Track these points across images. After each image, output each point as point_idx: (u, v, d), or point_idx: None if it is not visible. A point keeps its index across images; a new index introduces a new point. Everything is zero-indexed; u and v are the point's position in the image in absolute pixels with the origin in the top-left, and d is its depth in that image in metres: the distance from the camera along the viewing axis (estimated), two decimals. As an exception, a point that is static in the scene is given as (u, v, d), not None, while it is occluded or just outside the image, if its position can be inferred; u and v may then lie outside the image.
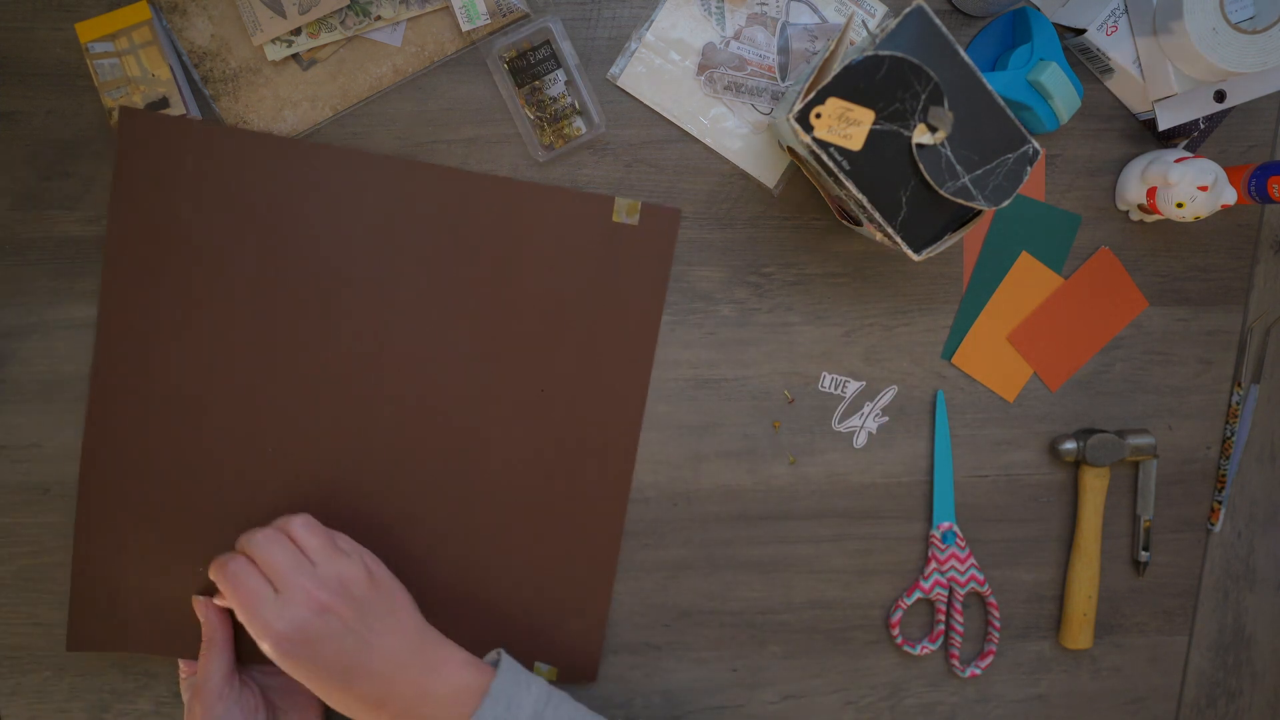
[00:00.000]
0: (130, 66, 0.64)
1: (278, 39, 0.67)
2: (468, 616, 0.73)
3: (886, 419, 0.77)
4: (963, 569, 0.78)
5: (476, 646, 0.73)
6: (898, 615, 0.78)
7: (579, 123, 0.70)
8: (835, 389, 0.76)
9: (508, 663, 0.61)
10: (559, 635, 0.75)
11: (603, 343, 0.72)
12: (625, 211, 0.69)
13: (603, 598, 0.75)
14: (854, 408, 0.77)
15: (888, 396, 0.77)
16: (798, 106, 0.60)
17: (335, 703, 0.57)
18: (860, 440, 0.77)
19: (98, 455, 0.68)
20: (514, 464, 0.72)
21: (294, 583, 0.56)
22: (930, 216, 0.63)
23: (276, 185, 0.68)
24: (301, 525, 0.59)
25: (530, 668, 0.74)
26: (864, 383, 0.76)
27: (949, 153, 0.61)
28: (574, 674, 0.75)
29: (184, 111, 0.65)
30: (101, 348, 0.68)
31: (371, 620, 0.57)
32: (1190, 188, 0.69)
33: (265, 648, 0.55)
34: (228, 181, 0.67)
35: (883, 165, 0.61)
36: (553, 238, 0.70)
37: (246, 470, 0.69)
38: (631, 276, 0.72)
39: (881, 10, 0.72)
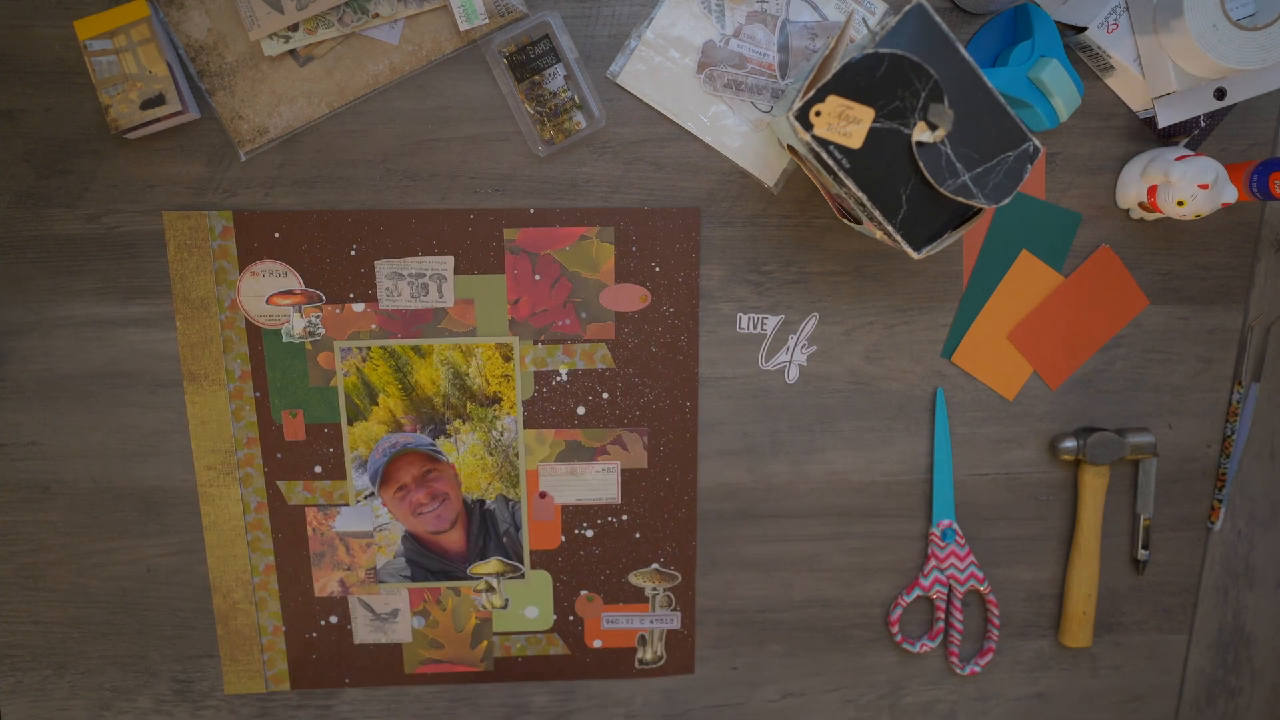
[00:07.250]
0: (128, 64, 0.64)
1: (275, 34, 0.67)
2: None
3: (815, 348, 0.76)
4: (962, 567, 0.78)
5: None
6: (897, 613, 0.78)
7: (579, 117, 0.70)
8: (754, 328, 0.75)
9: None
10: None
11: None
12: None
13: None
14: (779, 343, 0.76)
15: (810, 325, 0.75)
16: (797, 104, 0.59)
17: None
18: (792, 375, 0.76)
19: None
20: None
21: None
22: (930, 214, 0.62)
23: None
24: None
25: None
26: (782, 316, 0.75)
27: (949, 150, 0.61)
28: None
29: (180, 108, 0.64)
30: None
31: None
32: (1191, 185, 0.69)
33: None
34: None
35: (883, 163, 0.61)
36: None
37: None
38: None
39: (881, 8, 0.72)
